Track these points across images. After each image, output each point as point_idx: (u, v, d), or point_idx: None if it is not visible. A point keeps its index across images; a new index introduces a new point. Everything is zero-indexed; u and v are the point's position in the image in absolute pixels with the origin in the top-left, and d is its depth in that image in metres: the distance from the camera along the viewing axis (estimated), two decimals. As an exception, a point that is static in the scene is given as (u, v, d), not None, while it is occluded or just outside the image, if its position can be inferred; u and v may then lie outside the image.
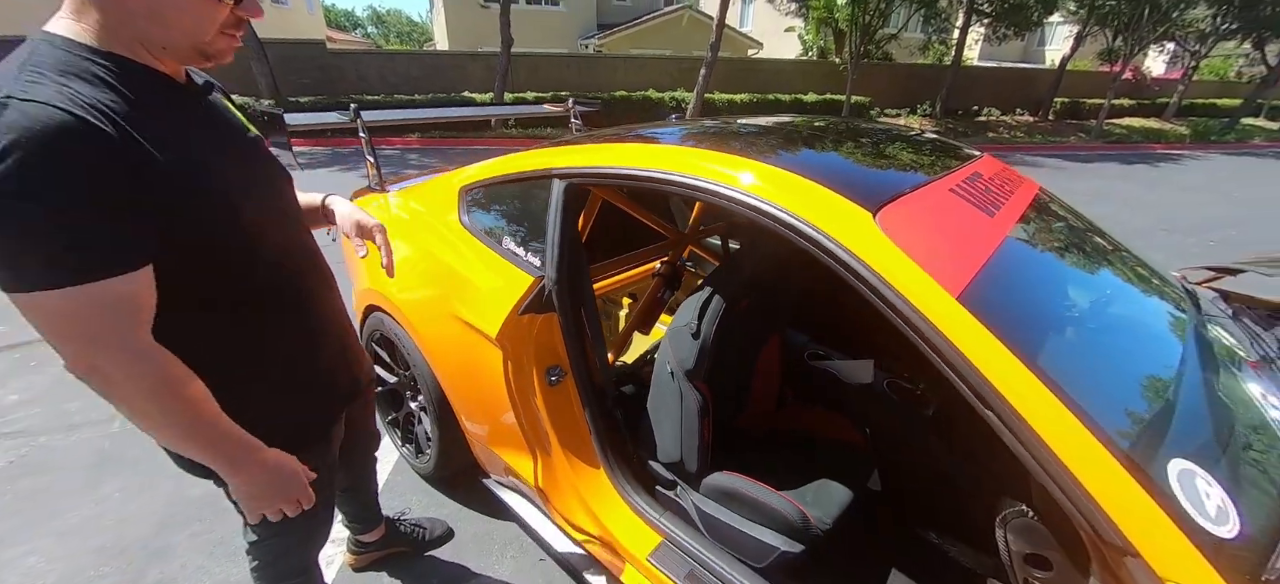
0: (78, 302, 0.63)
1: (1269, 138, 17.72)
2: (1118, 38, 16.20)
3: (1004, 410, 0.73)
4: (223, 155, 0.82)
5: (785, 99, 15.26)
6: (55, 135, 0.60)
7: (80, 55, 0.67)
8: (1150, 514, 0.65)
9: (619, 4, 21.28)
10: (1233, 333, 1.30)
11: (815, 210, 0.94)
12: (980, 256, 0.94)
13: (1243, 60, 24.58)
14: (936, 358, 0.80)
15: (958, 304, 0.81)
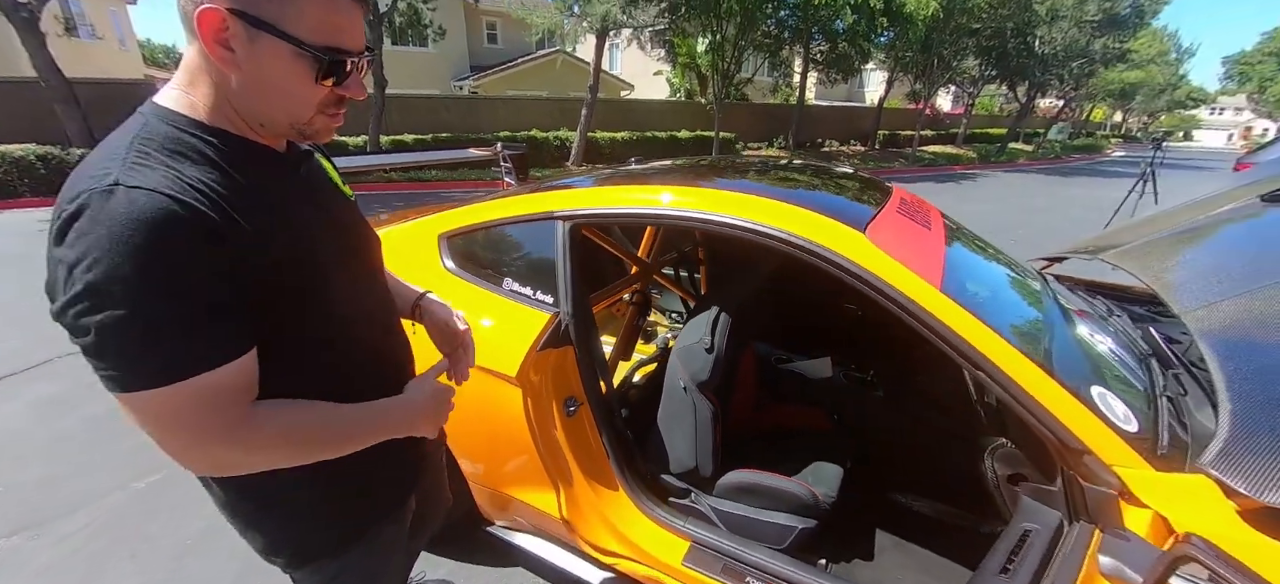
0: (182, 397, 0.60)
1: (1027, 157, 22.71)
2: (917, 82, 20.16)
3: (993, 370, 0.99)
4: (320, 225, 0.79)
5: (662, 136, 16.30)
6: (159, 225, 0.57)
7: (187, 131, 0.66)
8: (1092, 424, 0.94)
9: (490, 46, 21.25)
10: (1068, 298, 1.78)
11: (824, 234, 1.17)
12: (939, 258, 1.24)
13: (1002, 98, 31.41)
14: (935, 338, 1.05)
15: (942, 295, 1.08)
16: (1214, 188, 6.49)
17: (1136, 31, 22.44)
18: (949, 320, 1.04)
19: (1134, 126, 53.22)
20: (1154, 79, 38.91)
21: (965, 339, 1.02)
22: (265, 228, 0.67)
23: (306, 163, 0.83)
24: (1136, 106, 46.59)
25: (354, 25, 0.68)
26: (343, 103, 0.73)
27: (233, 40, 0.62)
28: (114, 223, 0.56)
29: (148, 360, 0.58)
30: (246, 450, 0.67)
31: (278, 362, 0.72)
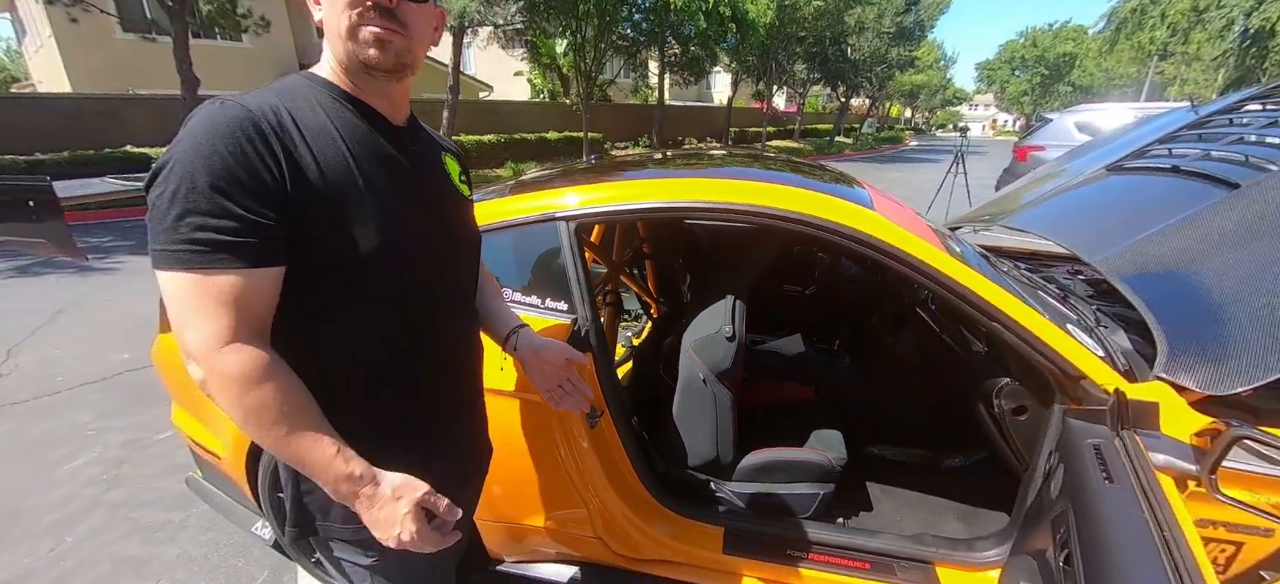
0: (182, 287, 0.63)
1: (851, 150, 26.43)
2: (759, 83, 22.43)
3: (1006, 319, 1.16)
4: (409, 201, 0.79)
5: (531, 137, 15.95)
6: (226, 129, 0.63)
7: (311, 81, 0.75)
8: (1083, 354, 1.16)
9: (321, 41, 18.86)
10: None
11: (841, 213, 1.26)
12: (928, 230, 1.41)
13: (825, 98, 36.16)
14: (955, 298, 1.20)
15: (956, 260, 1.23)
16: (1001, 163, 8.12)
17: (919, 42, 27.46)
18: (968, 281, 1.20)
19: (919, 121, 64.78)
20: (932, 82, 48.11)
21: (982, 295, 1.19)
22: (339, 175, 0.70)
23: (419, 143, 0.85)
24: (920, 104, 56.99)
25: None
26: (380, 11, 0.70)
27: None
28: (198, 120, 0.65)
29: (173, 242, 0.62)
30: (234, 366, 0.64)
31: (335, 324, 0.74)
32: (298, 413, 0.68)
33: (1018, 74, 55.96)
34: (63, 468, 2.40)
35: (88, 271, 5.29)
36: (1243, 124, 1.73)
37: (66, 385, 3.11)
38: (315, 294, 0.71)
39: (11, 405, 2.90)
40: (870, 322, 2.03)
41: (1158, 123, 2.17)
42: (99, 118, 10.12)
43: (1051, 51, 52.01)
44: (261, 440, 0.68)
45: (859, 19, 22.56)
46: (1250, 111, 1.79)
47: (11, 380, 3.18)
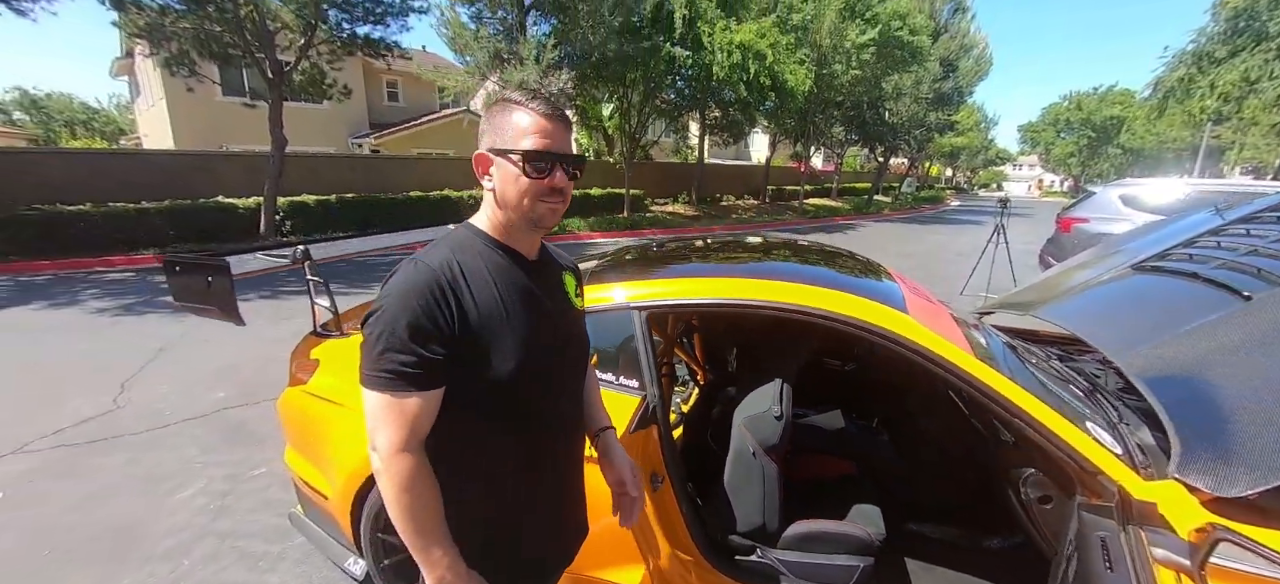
0: (377, 403, 0.85)
1: (890, 209, 26.34)
2: (797, 144, 22.92)
3: (1026, 417, 1.32)
4: (536, 321, 0.97)
5: (576, 194, 16.62)
6: (413, 286, 0.86)
7: (473, 235, 0.97)
8: (1099, 451, 1.29)
9: (391, 105, 20.62)
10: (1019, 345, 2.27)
11: (883, 318, 1.46)
12: (955, 328, 1.59)
13: (863, 156, 36.36)
14: (979, 395, 1.36)
15: (979, 361, 1.41)
16: (1044, 233, 8.01)
17: (958, 107, 27.63)
18: (989, 380, 1.36)
19: (961, 181, 64.06)
20: (973, 143, 47.90)
21: (1002, 393, 1.35)
22: (490, 312, 0.91)
23: (547, 271, 1.05)
24: (962, 164, 56.55)
25: (548, 136, 0.91)
26: (556, 193, 0.93)
27: (495, 173, 0.93)
28: (400, 278, 0.88)
29: (373, 369, 0.84)
30: (386, 465, 0.86)
31: (473, 404, 0.92)
32: (431, 520, 0.89)
33: (1063, 136, 55.07)
34: (175, 497, 2.73)
35: (182, 314, 5.89)
36: (1259, 236, 1.85)
37: (173, 420, 3.51)
38: (460, 402, 0.91)
39: (129, 436, 3.30)
40: (907, 402, 2.17)
41: (1185, 223, 2.29)
42: (196, 171, 11.33)
43: (1098, 114, 51.16)
44: (402, 528, 0.88)
45: (897, 86, 23.01)
46: (1266, 223, 1.90)
47: (127, 413, 3.61)
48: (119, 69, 20.26)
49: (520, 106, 0.91)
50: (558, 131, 0.92)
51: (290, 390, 2.01)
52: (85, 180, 9.98)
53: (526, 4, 11.89)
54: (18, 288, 7.22)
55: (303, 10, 9.15)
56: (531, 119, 0.90)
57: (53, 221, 8.75)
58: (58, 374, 4.25)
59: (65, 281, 7.63)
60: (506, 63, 11.57)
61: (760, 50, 13.66)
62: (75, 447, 3.15)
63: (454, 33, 12.01)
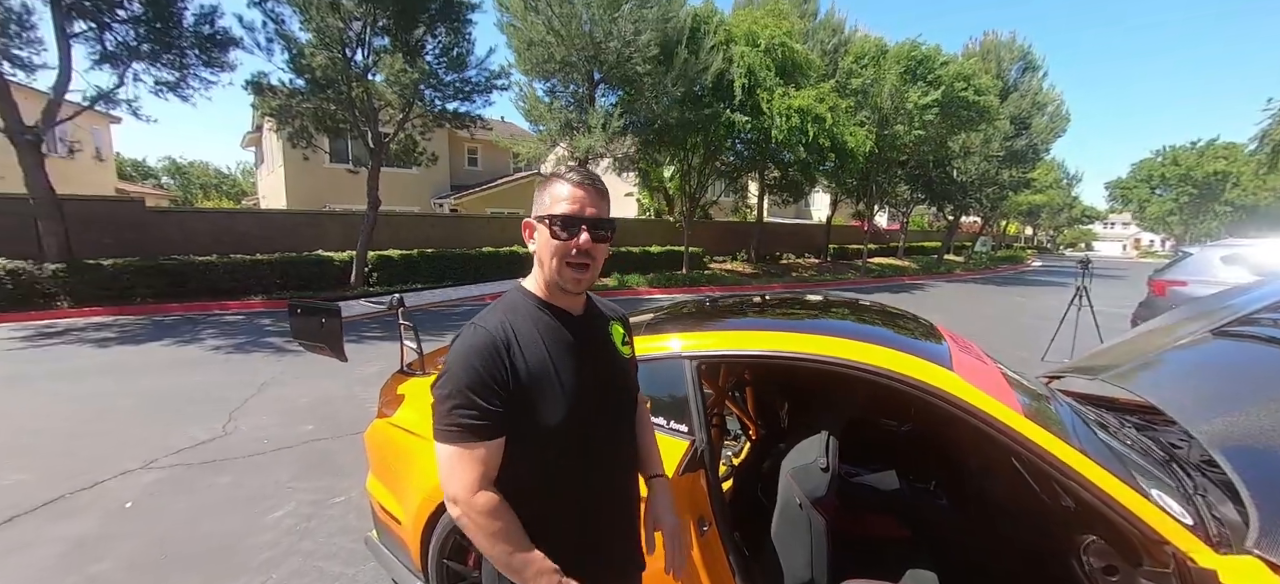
0: (449, 454, 0.96)
1: (962, 269, 25.07)
2: (859, 203, 22.56)
3: (1085, 482, 1.29)
4: (578, 370, 1.06)
5: (636, 251, 17.20)
6: (474, 348, 0.97)
7: (523, 297, 1.08)
8: (1166, 521, 1.24)
9: (470, 168, 22.47)
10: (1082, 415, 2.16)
11: (931, 375, 1.50)
12: (1007, 387, 1.59)
13: (931, 214, 35.08)
14: (1033, 458, 1.35)
15: (1026, 419, 1.41)
16: (1137, 295, 7.38)
17: (1034, 164, 26.35)
18: (1043, 443, 1.36)
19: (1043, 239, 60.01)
20: (1054, 201, 45.14)
21: (1058, 457, 1.33)
22: (539, 368, 1.01)
23: (594, 323, 1.16)
24: (1043, 222, 53.17)
25: (577, 202, 1.01)
26: (582, 259, 1.03)
27: (533, 234, 1.06)
28: (461, 342, 1.00)
29: (445, 425, 0.96)
30: (464, 511, 0.96)
31: (528, 450, 1.01)
32: (518, 537, 0.98)
33: (1159, 193, 50.78)
34: (268, 517, 3.03)
35: (284, 352, 6.58)
36: (1357, 302, 1.72)
37: (270, 447, 3.91)
38: (519, 447, 1.00)
39: (234, 460, 3.71)
40: (966, 465, 2.10)
41: (1268, 289, 2.15)
42: (302, 228, 12.78)
43: (1198, 170, 46.96)
44: (493, 555, 0.97)
45: (964, 144, 22.40)
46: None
47: (233, 439, 4.06)
48: (248, 141, 23.54)
49: (559, 178, 1.03)
50: (587, 197, 1.01)
51: (377, 422, 2.25)
52: (213, 235, 11.52)
53: (596, 78, 12.86)
54: (152, 326, 8.33)
55: (404, 91, 10.42)
56: (566, 188, 1.01)
57: (184, 270, 10.10)
58: (181, 401, 4.85)
59: (190, 322, 8.72)
60: (576, 130, 12.45)
61: (819, 113, 13.89)
62: (191, 466, 3.58)
63: (530, 105, 13.13)
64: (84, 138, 17.89)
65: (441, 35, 11.11)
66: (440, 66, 11.21)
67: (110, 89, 9.61)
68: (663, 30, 11.77)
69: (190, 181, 46.72)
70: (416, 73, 10.04)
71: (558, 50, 11.72)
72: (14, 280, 8.29)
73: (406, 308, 2.31)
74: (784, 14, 17.23)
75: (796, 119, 13.69)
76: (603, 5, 11.03)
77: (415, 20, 10.33)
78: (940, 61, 17.70)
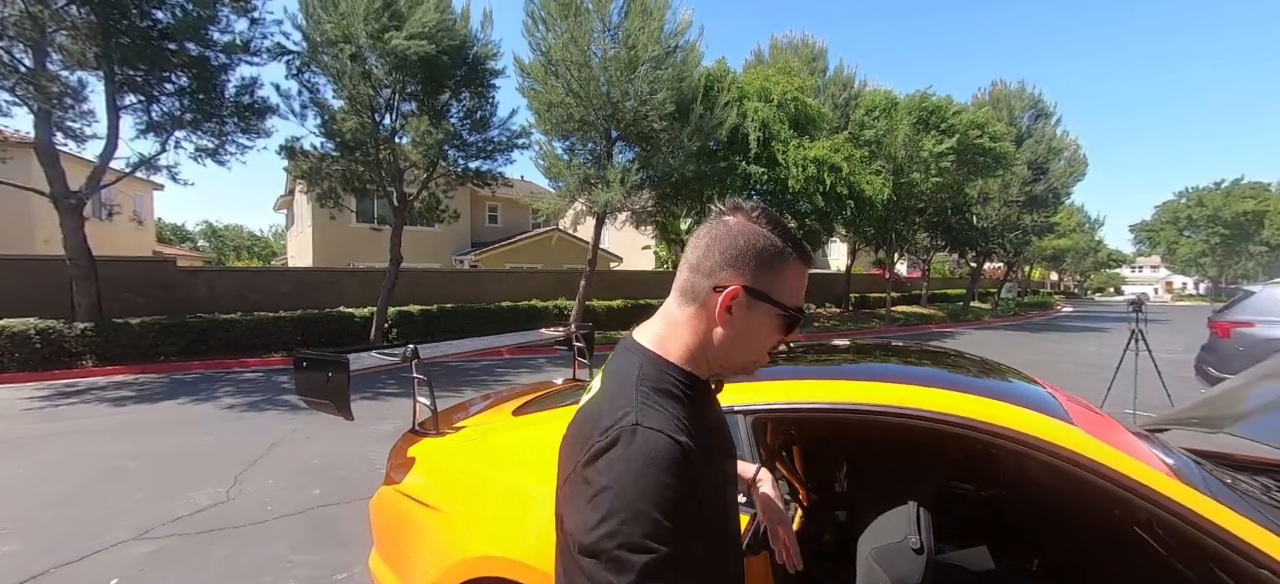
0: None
1: (990, 315, 24.34)
2: (879, 251, 22.30)
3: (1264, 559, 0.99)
4: (730, 458, 0.91)
5: (655, 302, 16.96)
6: (664, 463, 0.65)
7: (668, 373, 0.77)
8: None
9: (490, 225, 22.91)
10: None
11: (1046, 430, 1.23)
12: (1136, 443, 1.30)
13: (952, 262, 34.52)
14: (1199, 533, 1.06)
15: (1184, 486, 1.12)
16: (1186, 340, 6.87)
17: (1055, 209, 25.98)
18: (1223, 521, 1.06)
19: (1070, 284, 58.60)
20: (1078, 245, 44.27)
21: (1236, 534, 1.04)
22: (705, 450, 0.75)
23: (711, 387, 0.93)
24: (1068, 267, 52.08)
25: (805, 289, 0.82)
26: (780, 345, 0.84)
27: (736, 308, 0.76)
28: (635, 460, 0.65)
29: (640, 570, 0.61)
30: None
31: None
32: None
33: (1187, 235, 49.59)
34: (265, 594, 2.75)
35: (298, 410, 6.39)
36: None
37: (273, 515, 3.65)
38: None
39: (235, 528, 3.45)
40: (1078, 540, 1.76)
41: None
42: (325, 285, 12.94)
43: (1227, 210, 45.93)
44: None
45: (982, 190, 22.23)
46: None
47: (236, 505, 3.82)
48: (280, 204, 24.47)
49: (797, 260, 0.79)
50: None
51: (384, 489, 2.01)
52: (239, 292, 11.69)
53: (613, 136, 13.12)
54: (171, 384, 8.28)
55: (428, 152, 10.69)
56: (803, 275, 0.80)
57: (207, 327, 10.17)
58: (189, 463, 4.66)
59: (209, 379, 8.66)
60: (594, 186, 12.60)
61: (835, 163, 13.91)
62: (188, 536, 3.34)
63: (549, 163, 13.37)
64: (124, 202, 18.78)
65: (466, 99, 11.51)
66: (464, 128, 11.54)
67: (152, 156, 10.03)
68: (678, 89, 12.04)
69: (224, 244, 48.70)
70: (441, 134, 10.32)
71: (577, 111, 12.02)
72: (43, 339, 8.39)
73: (421, 360, 2.10)
74: (794, 71, 17.65)
75: (813, 169, 13.72)
76: (620, 68, 11.36)
77: (441, 86, 10.73)
78: (953, 111, 17.81)
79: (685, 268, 0.80)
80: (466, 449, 1.94)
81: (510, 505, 1.69)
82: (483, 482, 1.80)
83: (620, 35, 11.43)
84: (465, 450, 1.94)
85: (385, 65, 9.96)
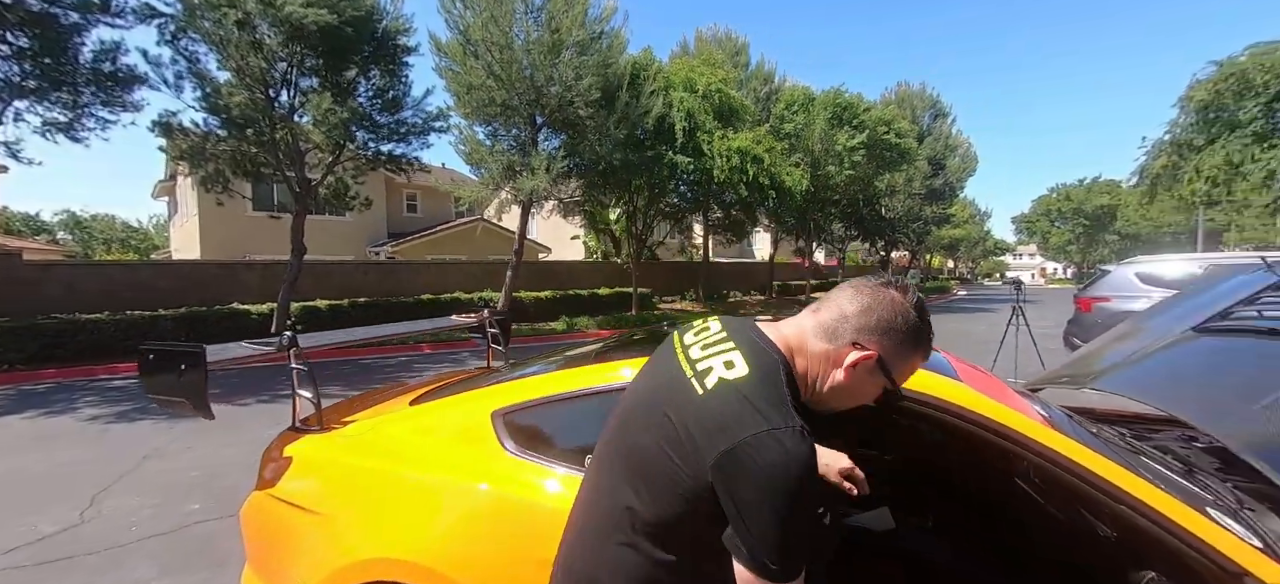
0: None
1: (896, 301, 26.39)
2: (799, 240, 23.50)
3: (1134, 502, 1.06)
4: None
5: (584, 293, 16.85)
6: (810, 465, 0.72)
7: (792, 389, 0.81)
8: (1241, 548, 1.03)
9: (410, 215, 21.61)
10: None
11: (936, 387, 1.26)
12: (1021, 400, 1.37)
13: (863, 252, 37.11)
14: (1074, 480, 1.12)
15: (1061, 435, 1.18)
16: (1056, 318, 7.80)
17: (951, 201, 28.61)
18: (1087, 463, 1.13)
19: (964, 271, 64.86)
20: (970, 235, 49.06)
21: (1105, 478, 1.11)
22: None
23: None
24: (962, 255, 57.58)
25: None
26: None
27: (862, 369, 0.84)
28: (798, 461, 0.70)
29: (783, 562, 0.71)
30: None
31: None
32: None
33: (1058, 225, 56.42)
34: (122, 629, 2.37)
35: (178, 420, 5.66)
36: (1339, 286, 1.68)
37: (137, 537, 3.18)
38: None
39: (88, 556, 2.97)
40: (968, 495, 1.87)
41: (1236, 281, 2.12)
42: (217, 280, 11.61)
43: (1088, 204, 52.75)
44: None
45: (889, 183, 23.97)
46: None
47: (92, 528, 3.29)
48: (160, 191, 21.62)
49: (924, 355, 0.88)
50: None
51: (256, 494, 1.77)
52: (106, 290, 10.19)
53: (538, 122, 12.74)
54: (18, 396, 7.07)
55: (333, 132, 9.78)
56: (918, 368, 0.90)
57: (63, 330, 8.79)
58: (33, 485, 3.98)
59: (66, 389, 7.49)
60: (519, 173, 12.19)
61: (758, 154, 14.36)
62: (24, 569, 2.83)
63: (471, 149, 12.76)
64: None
65: (376, 77, 10.66)
66: (374, 108, 10.71)
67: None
68: (604, 76, 11.87)
69: (92, 236, 42.38)
70: (347, 113, 9.49)
71: (499, 94, 11.53)
72: None
73: (299, 349, 1.86)
74: (718, 63, 18.03)
75: (737, 159, 14.08)
76: (543, 52, 11.01)
77: (347, 61, 9.87)
78: (863, 108, 18.98)
79: (835, 310, 0.87)
80: (356, 444, 1.75)
81: (406, 502, 1.54)
82: (375, 478, 1.63)
83: (543, 17, 11.07)
84: (355, 445, 1.75)
85: (279, 34, 9.00)
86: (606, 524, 0.85)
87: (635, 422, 0.88)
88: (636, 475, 0.82)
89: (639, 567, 0.80)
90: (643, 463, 0.82)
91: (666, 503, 0.78)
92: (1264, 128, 17.13)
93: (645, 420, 0.84)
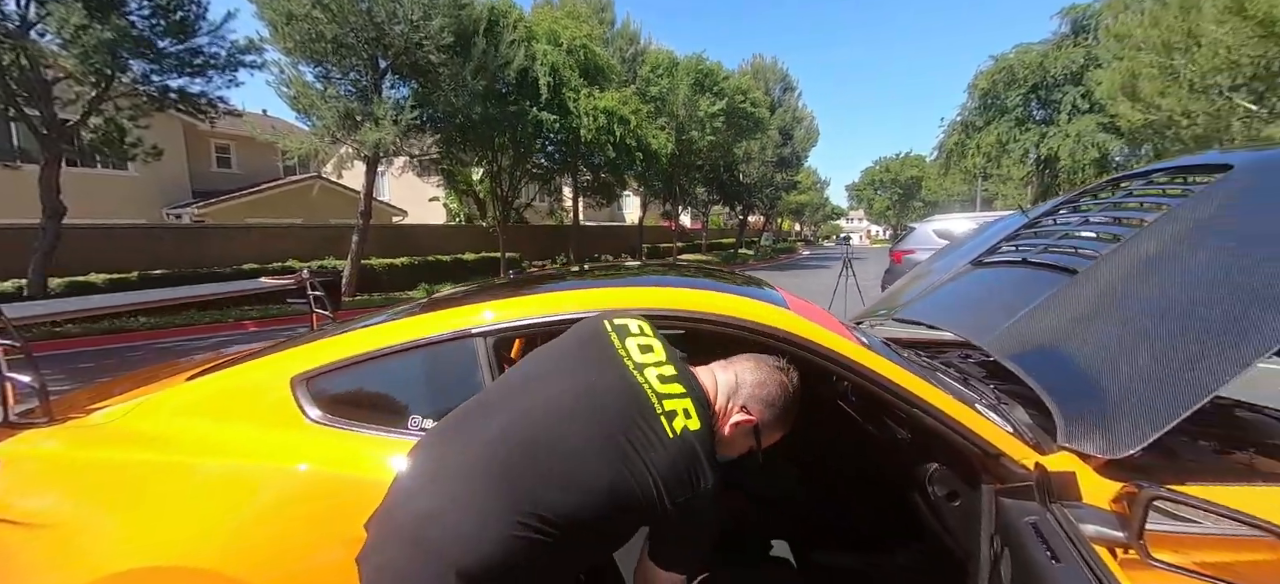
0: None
1: (753, 259, 28.79)
2: (666, 204, 24.40)
3: (930, 407, 1.21)
4: None
5: (446, 259, 15.77)
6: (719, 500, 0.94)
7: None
8: (998, 433, 1.22)
9: (222, 171, 18.05)
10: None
11: (768, 316, 1.30)
12: (841, 326, 1.49)
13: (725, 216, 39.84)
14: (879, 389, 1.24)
15: (875, 354, 1.29)
16: (880, 271, 9.20)
17: (798, 169, 31.70)
18: (886, 371, 1.25)
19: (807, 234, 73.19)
20: (813, 201, 55.15)
21: (900, 383, 1.24)
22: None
23: None
24: (806, 219, 64.70)
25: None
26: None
27: (741, 430, 1.05)
28: (716, 501, 0.92)
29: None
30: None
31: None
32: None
33: (880, 193, 65.86)
34: None
35: None
36: (1065, 223, 2.10)
37: None
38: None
39: None
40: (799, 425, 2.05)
41: (1001, 224, 2.57)
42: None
43: (902, 175, 62.23)
44: None
45: (746, 150, 25.79)
46: (1064, 214, 2.19)
47: None
48: None
49: (789, 426, 1.11)
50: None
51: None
52: None
53: (382, 66, 11.27)
54: None
55: (89, 58, 7.58)
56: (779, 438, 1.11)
57: None
58: None
59: None
60: (360, 123, 10.72)
61: (624, 115, 14.36)
62: None
63: (297, 92, 10.89)
64: None
65: (155, -9, 8.48)
66: (154, 31, 8.57)
67: None
68: (457, 18, 10.82)
69: None
70: (111, 33, 7.42)
71: (328, 28, 9.93)
72: None
73: (7, 321, 1.39)
74: (583, 17, 17.53)
75: (603, 119, 13.96)
76: (385, -19, 9.68)
77: (106, -36, 7.68)
78: (723, 76, 19.93)
79: (741, 374, 1.08)
80: (101, 434, 1.37)
81: (174, 497, 1.24)
82: (129, 472, 1.28)
83: (381, -59, 9.70)
84: (98, 436, 1.36)
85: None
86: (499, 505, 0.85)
87: (563, 411, 0.92)
88: (555, 473, 0.87)
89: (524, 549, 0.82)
90: (573, 467, 0.87)
91: (594, 506, 0.86)
92: (1022, 114, 21.45)
93: (588, 428, 0.90)
